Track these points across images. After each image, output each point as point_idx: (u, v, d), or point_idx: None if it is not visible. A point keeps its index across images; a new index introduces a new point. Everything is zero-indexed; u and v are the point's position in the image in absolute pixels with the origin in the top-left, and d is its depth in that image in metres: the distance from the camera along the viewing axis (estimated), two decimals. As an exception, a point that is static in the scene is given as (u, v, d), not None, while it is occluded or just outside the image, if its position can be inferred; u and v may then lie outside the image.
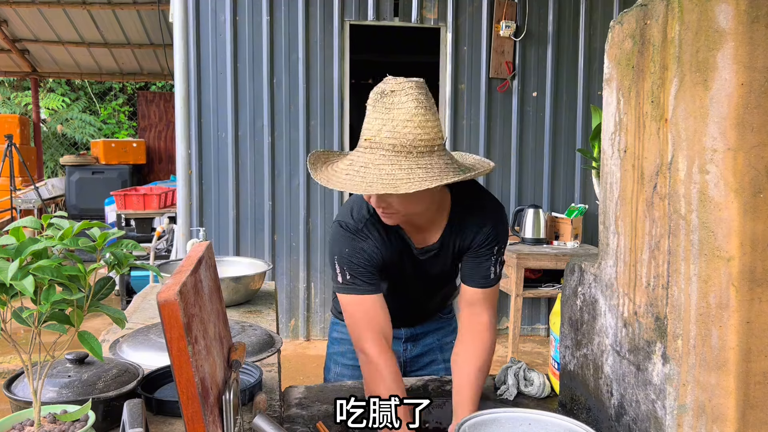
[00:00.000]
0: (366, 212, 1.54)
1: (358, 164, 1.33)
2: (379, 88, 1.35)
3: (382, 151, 1.31)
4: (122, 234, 1.20)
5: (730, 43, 0.98)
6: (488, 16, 4.85)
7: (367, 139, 1.34)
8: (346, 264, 1.53)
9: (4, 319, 1.04)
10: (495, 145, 4.98)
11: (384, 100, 1.33)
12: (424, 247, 1.61)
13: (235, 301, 2.27)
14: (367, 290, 1.53)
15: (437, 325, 1.94)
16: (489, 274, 1.58)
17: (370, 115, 1.35)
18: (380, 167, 1.30)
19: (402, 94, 1.32)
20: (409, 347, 1.91)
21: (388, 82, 1.35)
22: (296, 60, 4.68)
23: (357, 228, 1.53)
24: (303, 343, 4.86)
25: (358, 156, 1.34)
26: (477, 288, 1.59)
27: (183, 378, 0.91)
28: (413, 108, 1.31)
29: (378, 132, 1.32)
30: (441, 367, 1.92)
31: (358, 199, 1.56)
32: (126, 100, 13.20)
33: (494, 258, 1.58)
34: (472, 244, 1.58)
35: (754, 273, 0.99)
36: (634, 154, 1.18)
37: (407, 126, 1.30)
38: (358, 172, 1.32)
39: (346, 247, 1.53)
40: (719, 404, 1.03)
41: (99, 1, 7.11)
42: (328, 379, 1.94)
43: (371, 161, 1.31)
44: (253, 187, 4.72)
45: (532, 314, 5.17)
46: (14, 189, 7.68)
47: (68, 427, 1.11)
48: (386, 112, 1.32)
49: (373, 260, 1.53)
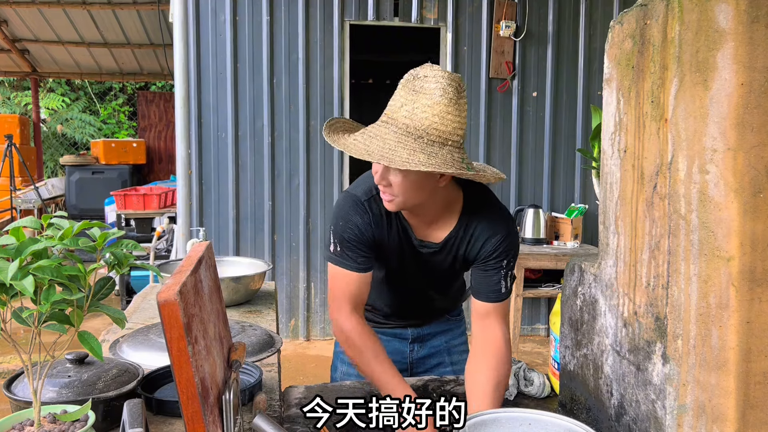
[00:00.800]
0: (374, 189, 1.55)
1: (368, 134, 1.36)
2: (414, 71, 1.37)
3: (394, 128, 1.33)
4: (122, 234, 1.20)
5: (730, 43, 0.98)
6: (488, 16, 4.85)
7: (386, 113, 1.37)
8: (338, 237, 1.55)
9: (4, 319, 1.04)
10: (495, 145, 4.98)
11: (414, 82, 1.34)
12: (425, 241, 1.60)
13: (235, 301, 2.27)
14: (351, 267, 1.55)
15: (445, 327, 1.93)
16: (500, 288, 1.56)
17: (396, 93, 1.37)
18: (386, 140, 1.32)
19: (432, 80, 1.33)
20: (416, 348, 1.90)
21: (424, 68, 1.36)
22: (296, 60, 4.69)
23: (360, 200, 1.55)
24: (303, 343, 4.86)
25: (373, 128, 1.38)
26: (488, 303, 1.57)
27: (183, 378, 0.91)
28: (438, 96, 1.31)
29: (398, 110, 1.34)
30: (449, 369, 1.90)
31: (370, 176, 1.56)
32: (126, 100, 13.20)
33: (504, 271, 1.56)
34: (480, 253, 1.57)
35: (754, 273, 0.99)
36: (634, 154, 1.18)
37: (426, 111, 1.31)
38: (365, 140, 1.35)
39: (341, 218, 1.55)
40: (719, 404, 1.03)
41: (99, 1, 7.11)
42: (335, 378, 1.93)
43: (381, 133, 1.34)
44: (253, 187, 4.72)
45: (532, 314, 5.17)
46: (14, 189, 7.68)
47: (68, 427, 1.11)
48: (412, 93, 1.34)
49: (364, 237, 1.54)
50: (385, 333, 1.85)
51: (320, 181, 4.79)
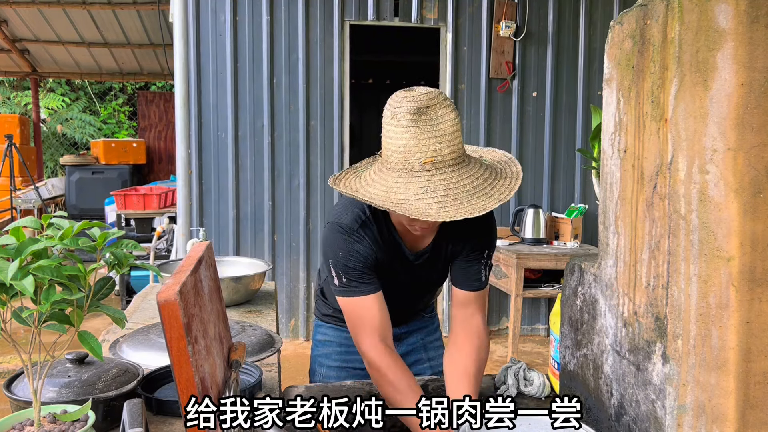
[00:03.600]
0: (362, 213, 1.52)
1: (439, 189, 1.29)
2: (410, 107, 1.30)
3: (450, 169, 1.31)
4: (122, 234, 1.20)
5: (730, 43, 0.98)
6: (488, 16, 4.85)
7: (427, 161, 1.29)
8: (341, 267, 1.51)
9: (4, 319, 1.04)
10: (495, 145, 4.98)
11: (424, 117, 1.30)
12: (418, 252, 1.62)
13: (235, 301, 2.27)
14: (364, 291, 1.51)
15: (420, 324, 1.95)
16: (480, 277, 1.61)
17: (420, 137, 1.30)
18: (463, 185, 1.31)
19: (439, 107, 1.31)
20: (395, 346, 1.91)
21: (417, 98, 1.31)
22: (296, 60, 4.69)
23: (352, 229, 1.51)
24: (303, 343, 4.86)
25: (427, 180, 1.30)
26: (469, 291, 1.61)
27: (183, 378, 0.91)
28: (454, 117, 1.33)
29: (438, 151, 1.29)
30: (426, 366, 1.92)
31: (352, 202, 1.53)
32: (126, 100, 13.20)
33: (484, 261, 1.61)
34: (464, 249, 1.60)
35: (754, 273, 0.99)
36: (634, 154, 1.18)
37: (456, 136, 1.33)
38: (447, 197, 1.28)
39: (340, 249, 1.51)
40: (719, 404, 1.03)
41: (99, 1, 7.11)
42: (314, 381, 1.94)
43: (449, 180, 1.30)
44: (253, 187, 4.72)
45: (532, 314, 5.17)
46: (14, 189, 7.68)
47: (68, 427, 1.11)
48: (435, 126, 1.30)
49: (368, 261, 1.52)
50: None
51: (320, 181, 4.79)
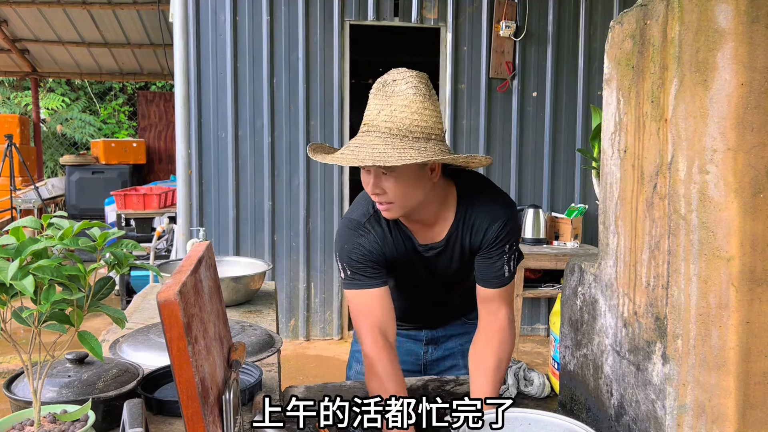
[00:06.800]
0: (371, 208, 1.57)
1: (353, 145, 1.39)
2: (382, 79, 1.40)
3: (377, 134, 1.36)
4: (122, 234, 1.20)
5: (730, 43, 0.98)
6: (488, 16, 4.85)
7: (365, 123, 1.39)
8: (346, 260, 1.56)
9: (4, 319, 1.04)
10: (495, 145, 4.98)
11: (385, 89, 1.38)
12: (429, 244, 1.61)
13: (235, 301, 2.27)
14: (368, 284, 1.55)
15: (461, 330, 1.91)
16: (503, 273, 1.59)
17: (370, 103, 1.40)
18: (374, 146, 1.35)
19: (402, 82, 1.37)
20: (431, 350, 1.90)
21: (390, 73, 1.40)
22: (296, 60, 4.69)
23: (359, 223, 1.57)
24: (303, 343, 4.86)
25: (356, 139, 1.40)
26: (492, 288, 1.60)
27: (183, 378, 0.91)
28: (411, 95, 1.36)
29: (376, 116, 1.37)
30: (463, 372, 1.89)
31: (365, 197, 1.59)
32: (126, 100, 13.20)
33: (507, 256, 1.58)
34: (483, 242, 1.58)
35: (754, 273, 0.99)
36: (634, 154, 1.18)
37: (404, 111, 1.35)
38: (353, 151, 1.37)
39: (345, 243, 1.57)
40: (719, 404, 1.03)
41: (99, 1, 7.11)
42: (349, 376, 1.95)
43: (366, 142, 1.36)
44: (253, 187, 4.72)
45: (532, 314, 5.17)
46: (14, 189, 7.68)
47: (68, 427, 1.11)
48: (385, 98, 1.37)
49: (372, 256, 1.55)
50: (399, 334, 1.84)
51: (320, 181, 4.79)
